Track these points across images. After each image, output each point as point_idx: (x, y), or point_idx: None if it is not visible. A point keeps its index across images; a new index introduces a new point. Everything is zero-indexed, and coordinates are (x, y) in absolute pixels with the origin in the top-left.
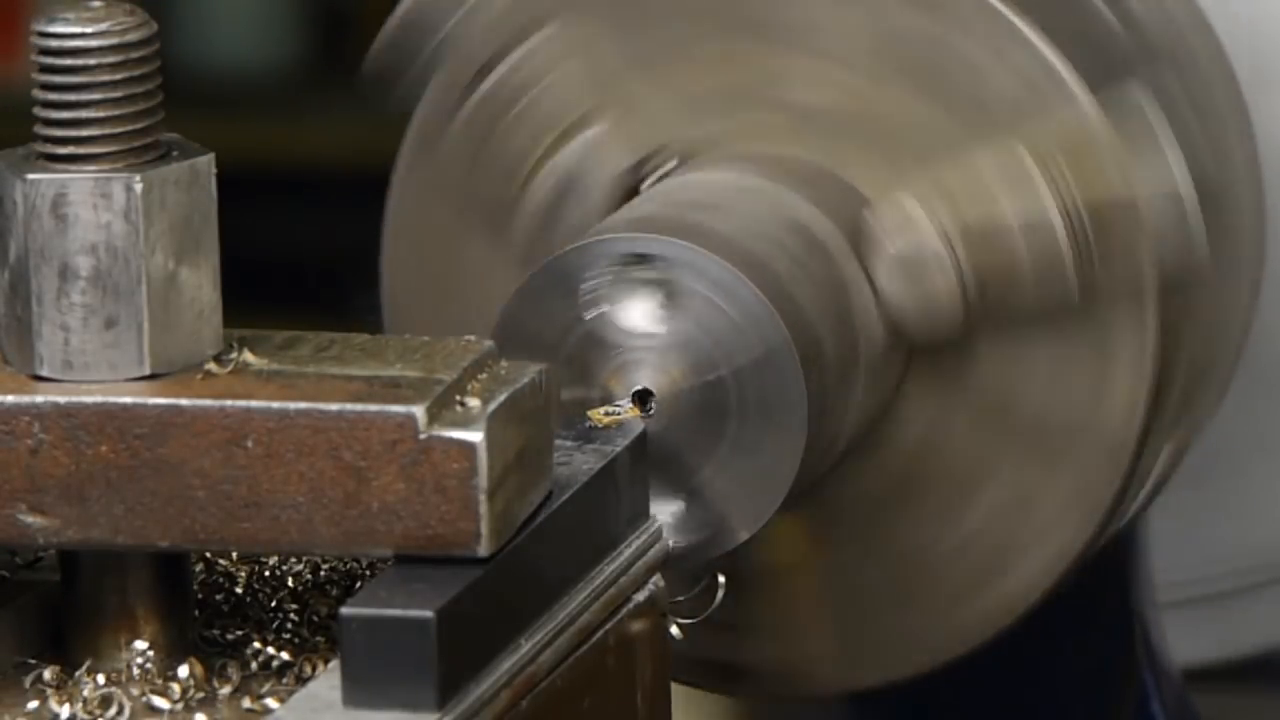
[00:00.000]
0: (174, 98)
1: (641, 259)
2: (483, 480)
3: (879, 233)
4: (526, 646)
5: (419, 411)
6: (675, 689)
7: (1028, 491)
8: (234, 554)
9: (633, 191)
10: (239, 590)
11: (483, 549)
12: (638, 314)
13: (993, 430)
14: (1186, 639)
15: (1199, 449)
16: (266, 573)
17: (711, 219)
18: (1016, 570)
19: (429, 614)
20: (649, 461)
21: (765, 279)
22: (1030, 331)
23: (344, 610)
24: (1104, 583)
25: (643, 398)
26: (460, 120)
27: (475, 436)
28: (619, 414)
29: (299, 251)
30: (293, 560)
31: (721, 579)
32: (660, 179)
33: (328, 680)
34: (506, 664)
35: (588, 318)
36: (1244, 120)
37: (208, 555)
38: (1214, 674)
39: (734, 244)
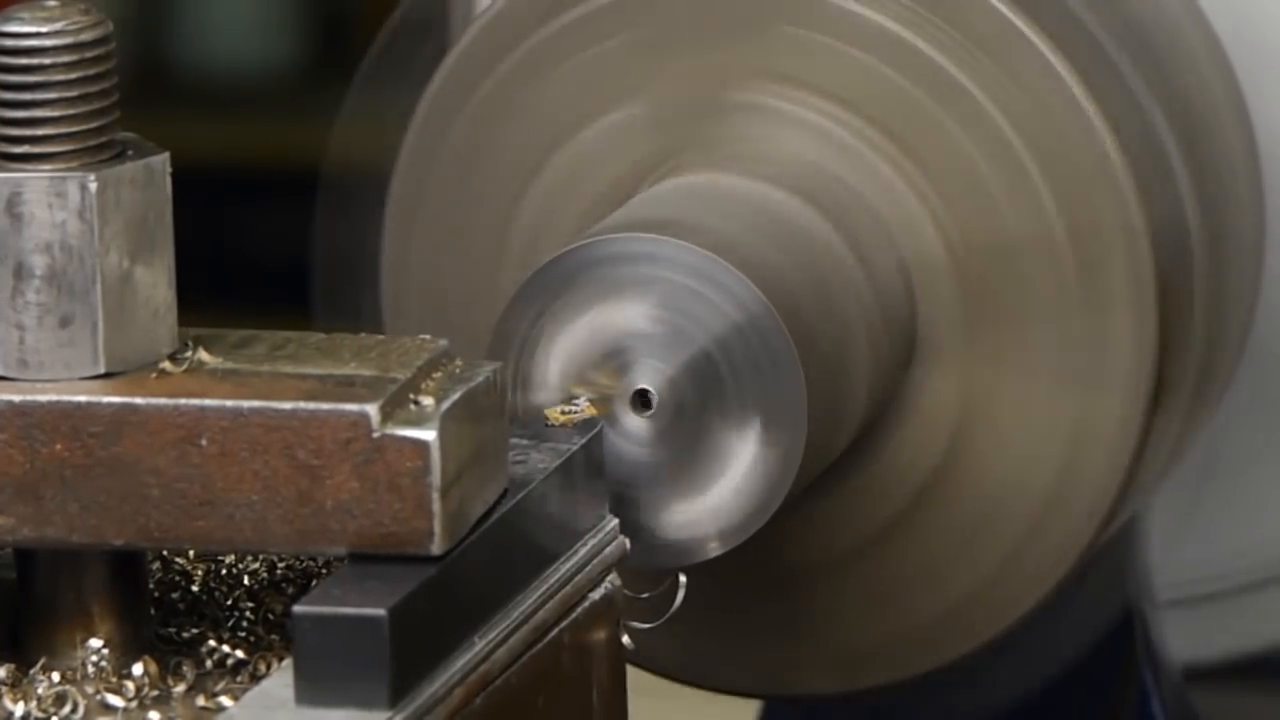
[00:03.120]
0: (174, 98)
1: (637, 260)
2: (436, 479)
3: (880, 237)
4: (480, 645)
5: (372, 410)
6: (677, 689)
7: (1027, 491)
8: (190, 552)
9: (631, 192)
10: (195, 588)
11: (436, 547)
12: (635, 315)
13: (991, 428)
14: (1186, 639)
15: (1199, 448)
16: (223, 571)
17: (710, 220)
18: (1017, 570)
19: (381, 612)
20: (654, 459)
21: (765, 280)
22: (1029, 328)
23: (297, 608)
24: (1104, 583)
25: (642, 398)
26: (462, 119)
27: (428, 435)
28: (576, 413)
29: (299, 251)
30: (249, 559)
31: (683, 579)
32: (658, 180)
33: (281, 678)
34: (460, 662)
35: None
36: (1243, 119)
37: (164, 554)
38: (1214, 674)
39: (733, 244)
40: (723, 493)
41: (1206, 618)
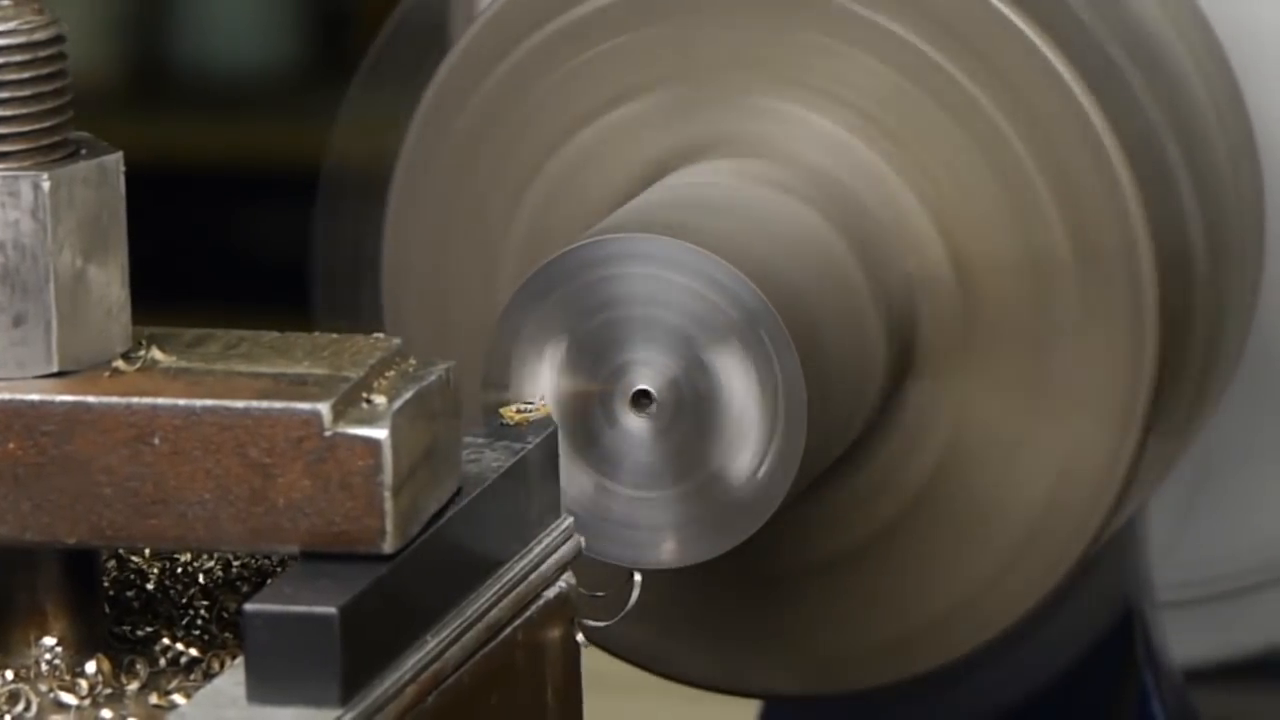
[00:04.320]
0: (174, 98)
1: (637, 260)
2: (388, 477)
3: (885, 247)
4: (433, 643)
5: (324, 409)
6: (676, 688)
7: (1026, 493)
8: (146, 551)
9: (632, 192)
10: (150, 587)
11: (388, 546)
12: (635, 315)
13: (989, 432)
14: (1186, 639)
15: (1199, 449)
16: (178, 569)
17: (711, 221)
18: (1017, 571)
19: (332, 610)
20: (654, 459)
21: (766, 282)
22: (1027, 350)
23: (248, 606)
24: (1104, 583)
25: (642, 398)
26: (462, 119)
27: (380, 433)
28: (530, 411)
29: (299, 251)
30: (204, 557)
31: (638, 577)
32: (659, 181)
33: (232, 676)
34: (412, 660)
35: (585, 323)
36: (1243, 120)
37: (120, 552)
38: (1214, 674)
39: (734, 245)
40: (722, 493)
41: (1206, 618)
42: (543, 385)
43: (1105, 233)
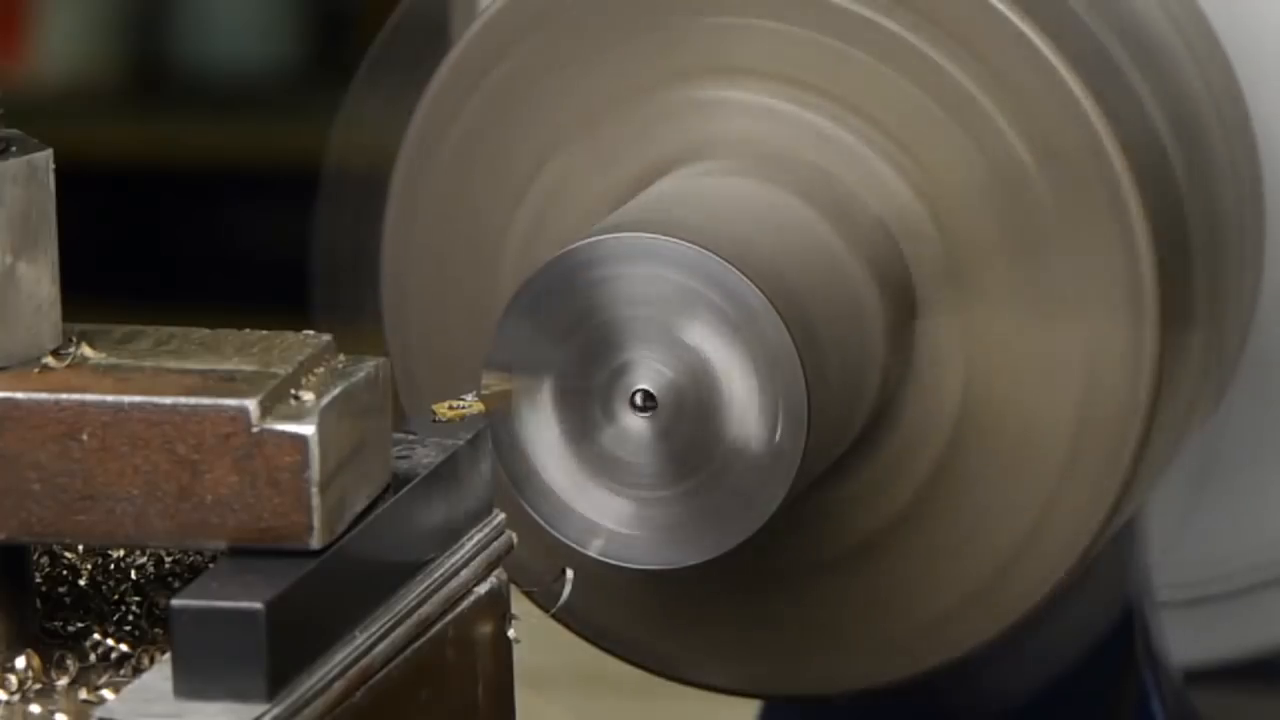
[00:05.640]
0: (174, 98)
1: (636, 259)
2: (314, 473)
3: (859, 203)
4: (361, 638)
5: (252, 405)
6: (677, 688)
7: (1027, 492)
8: (80, 547)
9: (632, 192)
10: (82, 583)
11: (315, 541)
12: (634, 315)
13: (988, 430)
14: (1186, 639)
15: (1199, 448)
16: (111, 565)
17: (707, 218)
18: (1018, 571)
19: (258, 605)
20: (654, 459)
21: (763, 277)
22: (1020, 320)
23: (174, 602)
24: (1104, 582)
25: (642, 398)
26: (461, 120)
27: (307, 429)
28: (463, 408)
29: (299, 251)
30: (137, 553)
31: (570, 572)
32: (657, 181)
33: (160, 671)
34: (340, 655)
35: (586, 323)
36: (1243, 119)
37: (53, 548)
38: (1214, 674)
39: (731, 241)
40: (723, 493)
41: (1206, 618)
42: (543, 385)
43: (1063, 134)
